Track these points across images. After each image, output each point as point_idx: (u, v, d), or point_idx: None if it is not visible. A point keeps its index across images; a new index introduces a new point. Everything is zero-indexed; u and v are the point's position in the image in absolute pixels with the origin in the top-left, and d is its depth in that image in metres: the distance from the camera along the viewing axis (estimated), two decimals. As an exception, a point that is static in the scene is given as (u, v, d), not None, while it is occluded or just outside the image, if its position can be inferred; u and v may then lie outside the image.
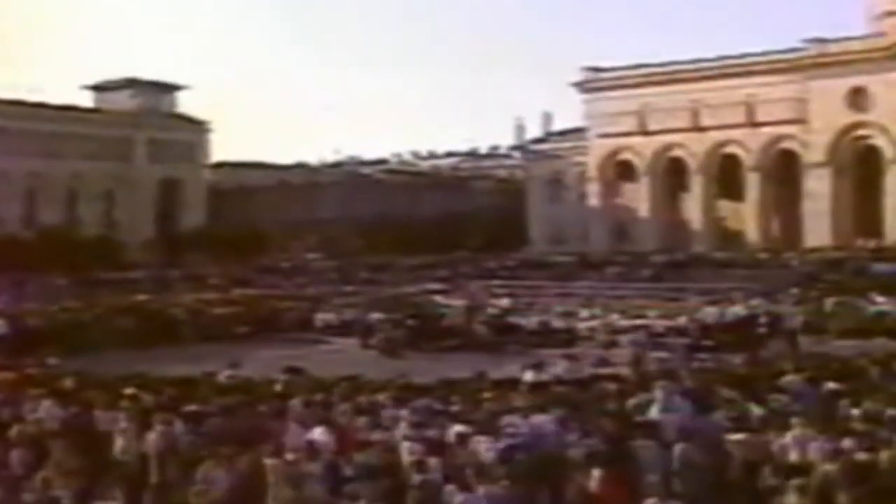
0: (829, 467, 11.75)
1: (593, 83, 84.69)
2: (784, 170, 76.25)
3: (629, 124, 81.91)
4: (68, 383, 19.91)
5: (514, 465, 12.55)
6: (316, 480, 12.22)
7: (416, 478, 11.70)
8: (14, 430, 14.67)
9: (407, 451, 13.19)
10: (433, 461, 12.41)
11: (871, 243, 66.84)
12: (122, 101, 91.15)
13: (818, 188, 73.27)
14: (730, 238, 77.67)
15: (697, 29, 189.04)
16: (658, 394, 16.89)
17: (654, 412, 15.75)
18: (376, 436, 14.39)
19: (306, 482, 12.09)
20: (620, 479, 11.65)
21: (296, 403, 17.03)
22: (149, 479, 13.38)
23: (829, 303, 41.38)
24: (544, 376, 23.18)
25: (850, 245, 67.79)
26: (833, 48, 72.09)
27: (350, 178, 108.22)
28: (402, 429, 14.61)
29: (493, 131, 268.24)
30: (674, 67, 79.56)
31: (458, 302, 48.52)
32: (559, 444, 13.71)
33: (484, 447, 13.37)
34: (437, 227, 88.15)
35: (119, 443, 14.57)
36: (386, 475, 12.07)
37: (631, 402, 16.96)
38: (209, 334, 41.06)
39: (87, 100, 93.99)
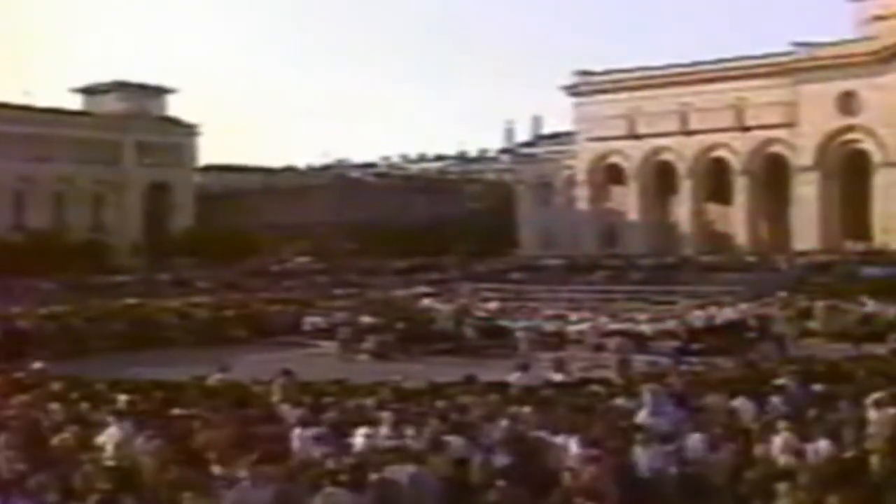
0: (818, 470, 11.76)
1: (583, 87, 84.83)
2: (773, 173, 76.43)
3: (618, 128, 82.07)
4: (56, 387, 19.81)
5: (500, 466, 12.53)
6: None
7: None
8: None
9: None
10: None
11: (860, 246, 67.02)
12: (111, 104, 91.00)
13: (807, 192, 73.47)
14: (718, 241, 77.81)
15: (687, 33, 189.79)
16: (646, 397, 16.89)
17: (642, 415, 15.74)
18: (360, 439, 14.36)
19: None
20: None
21: (287, 408, 16.99)
22: (142, 486, 13.21)
23: (818, 306, 41.41)
24: (534, 380, 23.18)
25: (839, 248, 67.98)
26: (822, 52, 72.30)
27: (339, 181, 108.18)
28: (385, 431, 14.58)
29: (482, 135, 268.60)
30: (663, 71, 79.72)
31: (447, 305, 48.49)
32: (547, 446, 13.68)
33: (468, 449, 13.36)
34: (427, 231, 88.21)
35: (109, 448, 14.47)
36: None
37: (619, 404, 16.96)
38: (198, 338, 41.02)
39: (75, 103, 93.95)
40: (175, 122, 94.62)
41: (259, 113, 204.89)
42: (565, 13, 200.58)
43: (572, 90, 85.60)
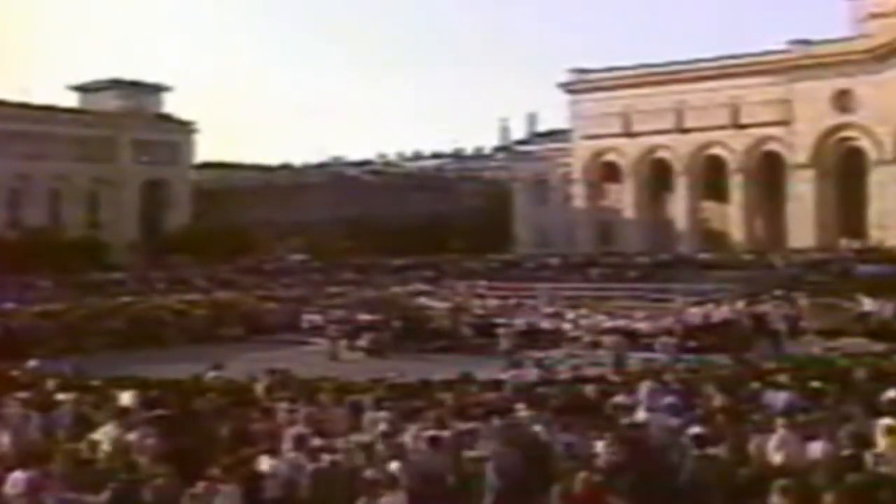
0: (814, 467, 11.78)
1: (578, 84, 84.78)
2: (768, 171, 76.45)
3: (614, 126, 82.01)
4: (51, 386, 19.79)
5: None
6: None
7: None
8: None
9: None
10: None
11: (856, 244, 67.03)
12: (107, 101, 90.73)
13: (802, 190, 73.49)
14: (714, 239, 77.84)
15: (683, 30, 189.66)
16: (643, 394, 16.93)
17: (639, 412, 15.76)
18: (355, 437, 14.39)
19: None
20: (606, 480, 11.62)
21: (282, 405, 17.01)
22: (138, 485, 13.18)
23: (813, 304, 41.44)
24: (530, 377, 23.23)
25: (835, 246, 67.99)
26: (817, 50, 72.32)
27: (335, 179, 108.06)
28: (381, 429, 14.61)
29: (477, 132, 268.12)
30: (659, 69, 79.67)
31: (443, 303, 48.52)
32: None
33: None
34: (423, 229, 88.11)
35: (104, 447, 14.46)
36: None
37: (615, 402, 16.98)
38: (194, 336, 41.05)
39: (71, 100, 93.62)
40: (171, 120, 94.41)
41: (256, 111, 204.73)
42: (560, 10, 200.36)
43: (568, 88, 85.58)
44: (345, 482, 12.22)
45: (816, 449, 12.69)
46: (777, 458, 12.80)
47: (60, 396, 18.27)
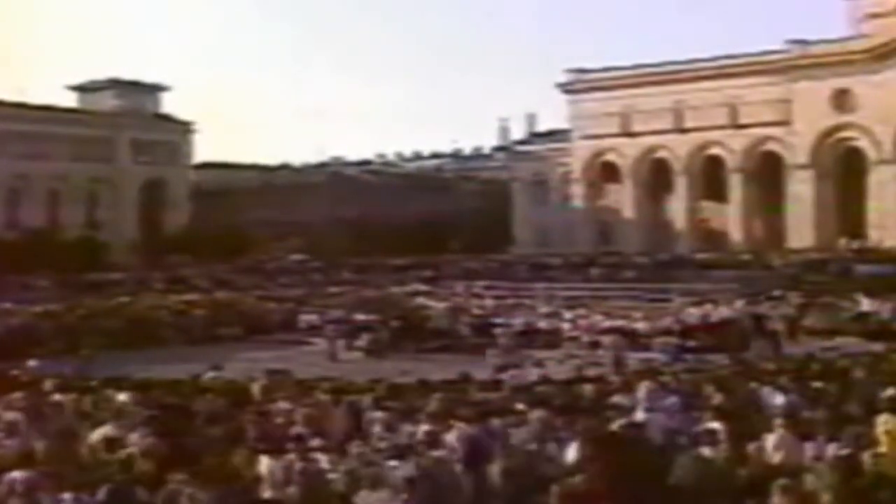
0: (813, 467, 11.76)
1: (577, 84, 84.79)
2: (767, 171, 76.46)
3: (613, 126, 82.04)
4: (49, 386, 19.77)
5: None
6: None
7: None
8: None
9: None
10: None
11: (855, 244, 67.05)
12: (106, 101, 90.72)
13: (801, 190, 73.50)
14: (713, 239, 77.82)
15: (682, 30, 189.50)
16: (642, 394, 16.90)
17: (638, 413, 15.73)
18: (354, 438, 14.37)
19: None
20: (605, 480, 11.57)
21: (280, 406, 17.01)
22: (136, 486, 13.12)
23: (812, 304, 41.43)
24: (528, 377, 23.24)
25: (834, 246, 68.00)
26: (817, 50, 72.34)
27: (335, 179, 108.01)
28: (378, 430, 14.62)
29: (477, 132, 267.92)
30: (658, 69, 79.67)
31: (442, 303, 48.51)
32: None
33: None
34: (422, 229, 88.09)
35: (102, 448, 14.42)
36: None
37: (614, 402, 16.96)
38: (193, 336, 41.05)
39: (70, 100, 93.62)
40: (170, 120, 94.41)
41: (256, 111, 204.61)
42: (559, 10, 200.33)
43: (567, 87, 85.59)
44: (342, 483, 12.21)
45: (816, 449, 12.66)
46: (776, 458, 12.77)
47: (59, 397, 18.24)
